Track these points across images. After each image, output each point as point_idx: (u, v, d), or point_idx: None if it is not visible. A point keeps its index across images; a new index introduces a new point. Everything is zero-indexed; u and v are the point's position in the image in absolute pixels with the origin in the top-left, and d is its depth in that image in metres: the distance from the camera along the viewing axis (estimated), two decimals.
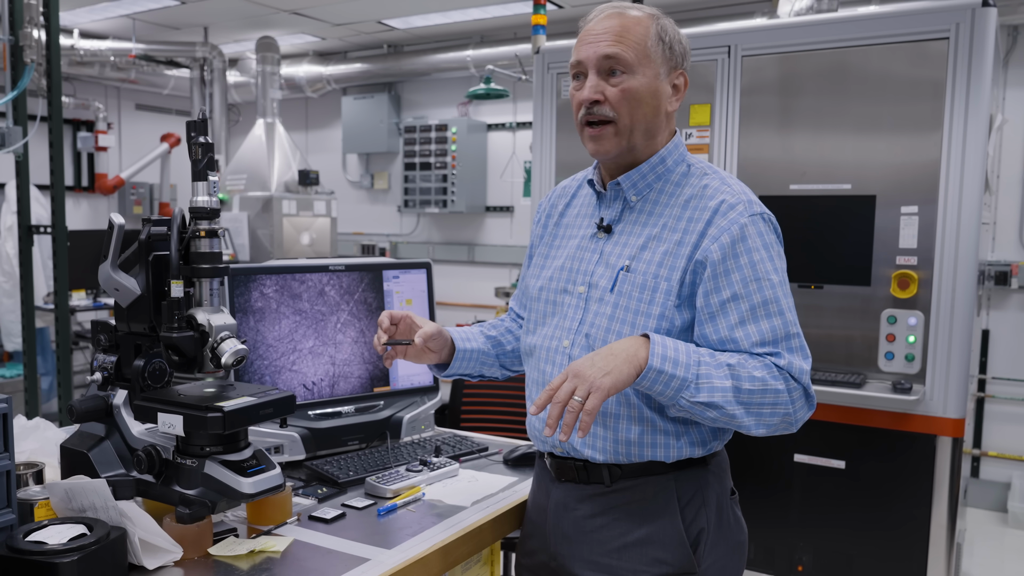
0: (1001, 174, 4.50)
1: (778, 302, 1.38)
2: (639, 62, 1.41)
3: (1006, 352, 4.55)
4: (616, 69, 1.41)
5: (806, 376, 1.38)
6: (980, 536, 4.17)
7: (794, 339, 1.39)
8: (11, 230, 5.13)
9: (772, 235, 1.43)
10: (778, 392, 1.34)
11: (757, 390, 1.32)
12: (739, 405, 1.32)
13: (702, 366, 1.32)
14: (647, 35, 1.42)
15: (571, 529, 1.50)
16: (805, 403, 1.39)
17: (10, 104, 3.54)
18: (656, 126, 1.46)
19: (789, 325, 1.39)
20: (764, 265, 1.38)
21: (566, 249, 1.57)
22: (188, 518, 1.37)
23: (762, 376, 1.33)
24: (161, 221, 1.49)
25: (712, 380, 1.31)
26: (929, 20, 2.55)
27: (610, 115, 1.42)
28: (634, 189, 1.49)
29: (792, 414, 1.37)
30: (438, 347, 1.62)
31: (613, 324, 1.44)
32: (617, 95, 1.41)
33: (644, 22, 1.43)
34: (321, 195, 5.83)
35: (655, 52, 1.43)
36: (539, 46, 3.33)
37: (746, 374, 1.33)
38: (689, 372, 1.31)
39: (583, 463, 1.48)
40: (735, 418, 1.33)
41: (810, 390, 1.39)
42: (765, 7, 4.44)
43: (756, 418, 1.34)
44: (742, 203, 1.41)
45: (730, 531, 1.50)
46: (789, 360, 1.36)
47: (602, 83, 1.42)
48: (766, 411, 1.34)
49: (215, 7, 5.57)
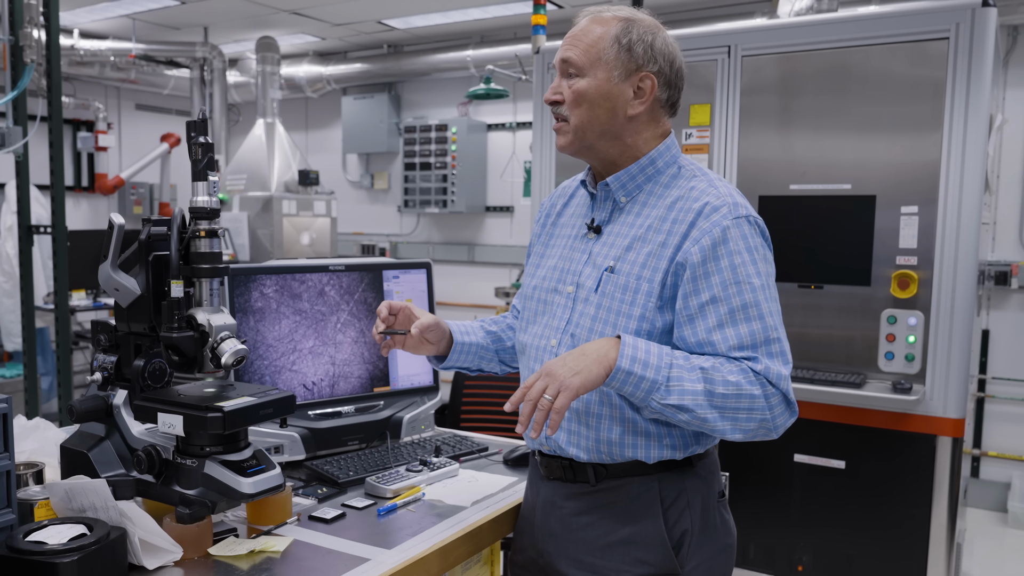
0: (1001, 174, 4.50)
1: (758, 306, 1.36)
2: (589, 65, 1.44)
3: (1006, 352, 4.55)
4: (570, 71, 1.46)
5: (785, 381, 1.35)
6: (980, 536, 4.17)
7: (774, 344, 1.36)
8: (11, 230, 5.13)
9: (758, 238, 1.41)
10: (753, 397, 1.32)
11: (731, 394, 1.31)
12: (712, 409, 1.31)
13: (673, 368, 1.32)
14: (603, 38, 1.44)
15: (557, 526, 1.51)
16: (785, 409, 1.37)
17: (10, 104, 3.55)
18: (614, 128, 1.46)
19: (769, 330, 1.36)
20: (745, 268, 1.37)
21: (559, 249, 1.59)
22: (188, 518, 1.37)
23: (737, 380, 1.32)
24: (161, 221, 1.49)
25: (683, 383, 1.31)
26: (929, 20, 2.55)
27: (563, 114, 1.47)
28: (623, 190, 1.50)
29: (770, 420, 1.34)
30: (436, 338, 1.63)
31: (596, 324, 1.45)
32: (569, 95, 1.46)
33: (606, 25, 1.44)
34: (321, 195, 5.83)
35: (608, 55, 1.43)
36: (539, 46, 3.33)
37: (720, 378, 1.31)
38: (659, 374, 1.30)
39: (569, 462, 1.49)
40: (707, 422, 1.32)
41: (790, 396, 1.36)
42: (765, 7, 4.44)
43: (732, 423, 1.33)
44: (727, 205, 1.40)
45: (716, 534, 1.49)
46: (767, 365, 1.34)
47: (562, 83, 1.47)
48: (742, 416, 1.33)
49: (215, 7, 5.57)
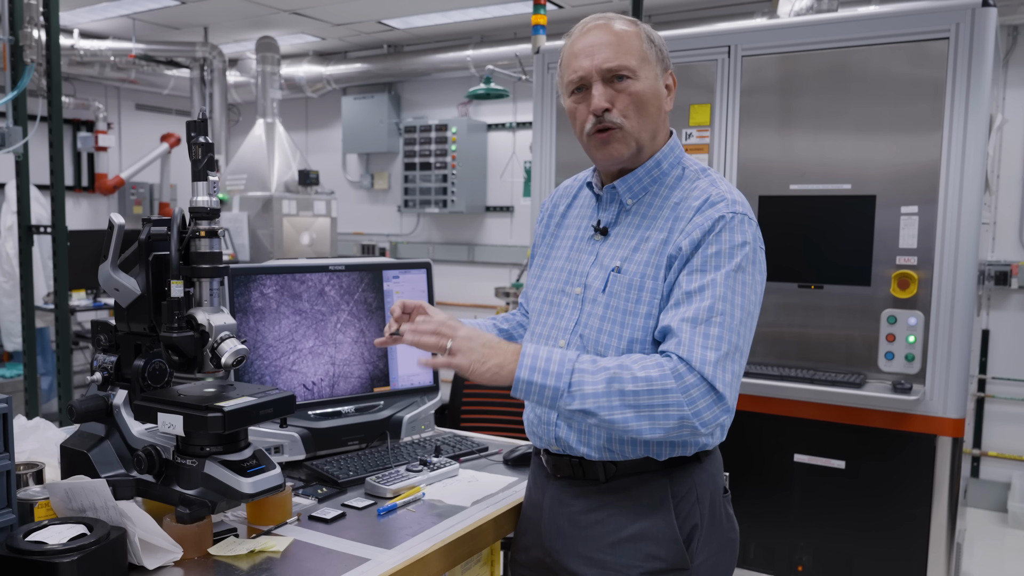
0: (1001, 174, 4.50)
1: (714, 287, 1.34)
2: (640, 66, 1.45)
3: (1006, 352, 4.55)
4: (621, 75, 1.44)
5: (710, 367, 1.29)
6: (980, 536, 4.17)
7: (714, 325, 1.31)
8: (11, 230, 5.13)
9: (745, 235, 1.41)
10: (667, 391, 1.28)
11: (643, 390, 1.28)
12: (626, 408, 1.28)
13: (575, 373, 1.31)
14: (638, 38, 1.46)
15: (566, 524, 1.52)
16: (712, 402, 1.29)
17: (10, 104, 3.54)
18: (658, 126, 1.50)
19: (714, 313, 1.32)
20: (718, 258, 1.37)
21: (565, 250, 1.60)
22: (188, 518, 1.37)
23: (647, 375, 1.28)
24: (161, 221, 1.49)
25: (584, 386, 1.30)
26: (929, 20, 2.55)
27: (617, 120, 1.45)
28: (630, 192, 1.51)
29: (691, 416, 1.28)
30: None
31: (604, 324, 1.46)
32: (625, 100, 1.44)
33: (633, 28, 1.48)
34: (321, 195, 5.83)
35: (650, 54, 1.47)
36: (539, 46, 3.33)
37: (629, 375, 1.29)
38: (560, 381, 1.31)
39: (579, 460, 1.50)
40: (619, 423, 1.29)
41: (716, 384, 1.29)
42: (765, 7, 4.44)
43: (649, 421, 1.29)
44: (724, 201, 1.42)
45: (722, 528, 1.51)
46: (689, 350, 1.30)
47: (610, 90, 1.44)
48: (658, 413, 1.28)
49: (215, 7, 5.57)
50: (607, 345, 1.45)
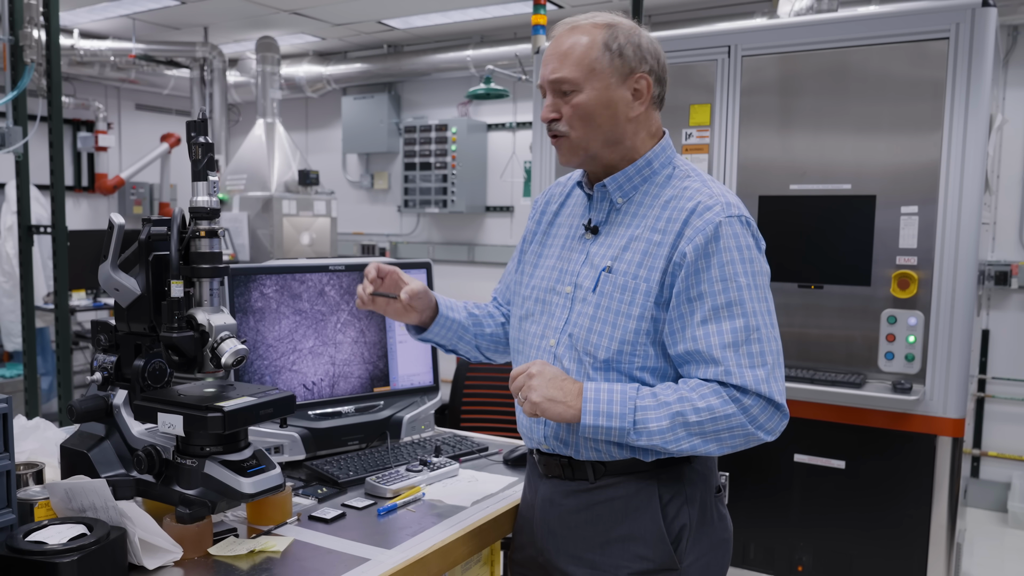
0: (1001, 174, 4.50)
1: (743, 304, 1.38)
2: (584, 78, 1.44)
3: (1006, 352, 4.55)
4: (565, 89, 1.46)
5: (764, 385, 1.35)
6: (980, 536, 4.17)
7: (753, 344, 1.37)
8: (11, 230, 5.13)
9: (749, 238, 1.42)
10: (730, 416, 1.34)
11: (707, 419, 1.34)
12: (692, 436, 1.35)
13: (638, 412, 1.36)
14: (592, 47, 1.44)
15: (557, 524, 1.53)
16: (773, 413, 1.37)
17: (10, 104, 3.54)
18: (619, 134, 1.48)
19: (751, 329, 1.37)
20: (733, 267, 1.39)
21: (556, 249, 1.60)
22: (188, 518, 1.37)
23: (709, 404, 1.35)
24: (161, 221, 1.49)
25: (648, 424, 1.35)
26: (929, 20, 2.54)
27: (563, 130, 1.47)
28: (620, 191, 1.51)
29: (754, 432, 1.36)
30: (421, 307, 1.62)
31: (595, 324, 1.46)
32: (569, 111, 1.46)
33: (591, 34, 1.45)
34: (321, 195, 5.83)
35: (601, 64, 1.44)
36: (539, 46, 3.33)
37: (691, 407, 1.35)
38: (625, 421, 1.36)
39: (568, 460, 1.50)
40: (684, 451, 1.37)
41: (774, 397, 1.36)
42: (765, 7, 4.44)
43: (717, 443, 1.36)
44: (719, 204, 1.42)
45: (714, 528, 1.51)
46: (741, 375, 1.35)
47: (558, 101, 1.47)
48: (724, 435, 1.36)
49: (215, 7, 5.57)
50: (597, 345, 1.45)
